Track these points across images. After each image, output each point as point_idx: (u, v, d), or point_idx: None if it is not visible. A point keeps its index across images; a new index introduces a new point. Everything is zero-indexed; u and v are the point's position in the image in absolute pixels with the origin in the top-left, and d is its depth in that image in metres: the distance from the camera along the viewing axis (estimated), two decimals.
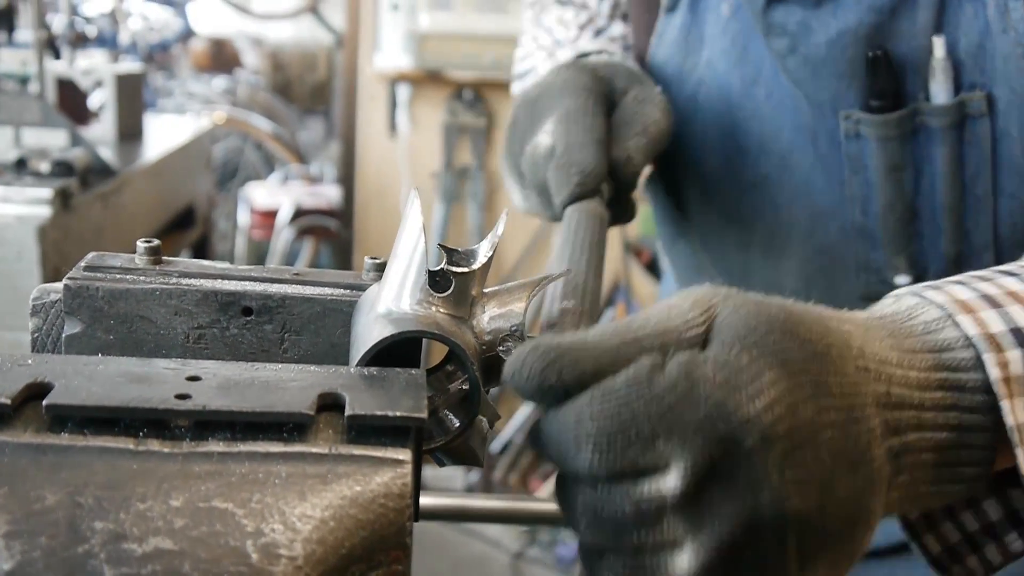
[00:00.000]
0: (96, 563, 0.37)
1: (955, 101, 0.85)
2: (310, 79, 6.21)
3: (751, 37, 0.96)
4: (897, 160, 0.89)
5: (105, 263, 0.56)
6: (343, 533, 0.40)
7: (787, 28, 0.90)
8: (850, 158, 0.91)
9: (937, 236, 0.90)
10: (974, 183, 0.87)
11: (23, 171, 1.64)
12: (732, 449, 0.44)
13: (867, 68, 0.87)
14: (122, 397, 0.42)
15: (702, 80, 1.01)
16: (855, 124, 0.90)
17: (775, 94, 0.96)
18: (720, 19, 0.98)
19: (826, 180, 0.94)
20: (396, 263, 0.52)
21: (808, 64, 0.90)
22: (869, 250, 0.94)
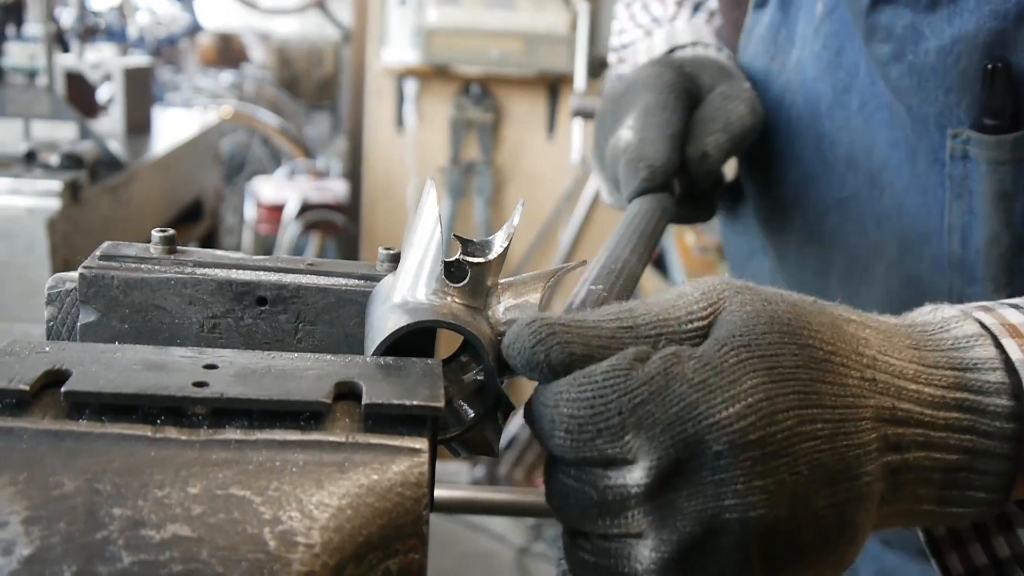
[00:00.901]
0: (114, 549, 0.38)
1: None
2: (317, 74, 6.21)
3: (847, 40, 0.88)
4: (1008, 187, 0.79)
5: (120, 252, 0.56)
6: (360, 521, 0.40)
7: (893, 32, 0.81)
8: (954, 181, 0.82)
9: None
10: None
11: (33, 164, 1.65)
12: (698, 451, 0.43)
13: (983, 81, 0.78)
14: (140, 384, 0.42)
15: (789, 84, 0.95)
16: (963, 144, 0.81)
17: (869, 104, 0.88)
18: (813, 19, 0.91)
19: (922, 203, 0.86)
20: (411, 253, 0.52)
21: (914, 73, 0.81)
22: (965, 285, 0.85)
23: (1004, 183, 0.79)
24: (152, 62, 2.75)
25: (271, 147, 5.10)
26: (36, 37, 2.14)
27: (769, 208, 1.01)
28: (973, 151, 0.80)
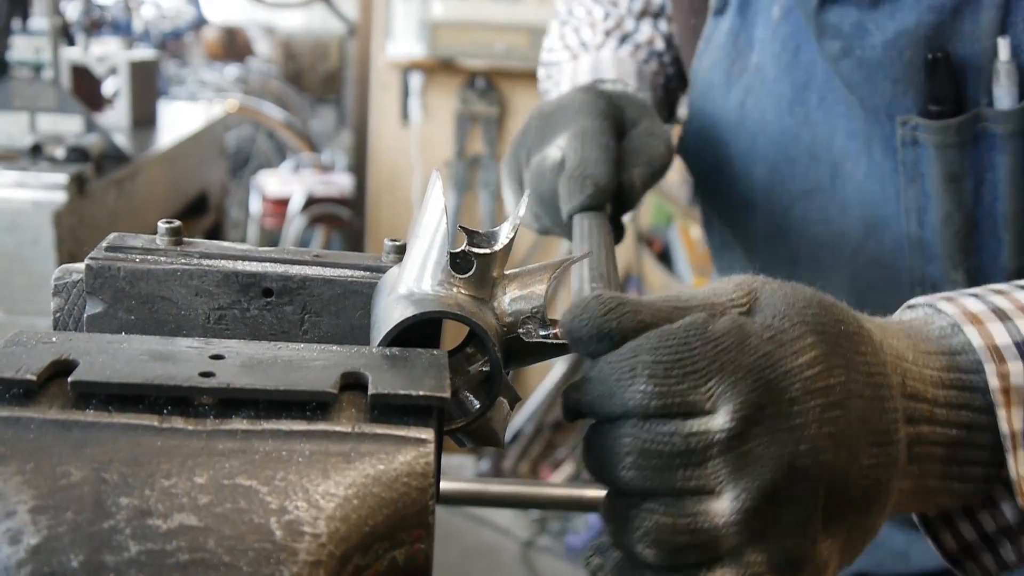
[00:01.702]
0: (121, 538, 0.38)
1: (1020, 106, 0.81)
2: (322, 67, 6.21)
3: (803, 40, 0.92)
4: (957, 168, 0.84)
5: (127, 243, 0.56)
6: (366, 511, 0.41)
7: (841, 29, 0.86)
8: (906, 166, 0.87)
9: (998, 249, 0.86)
10: None
11: (38, 157, 1.65)
12: (776, 396, 0.46)
13: (926, 71, 0.83)
14: (146, 375, 0.42)
15: (751, 86, 0.98)
16: (912, 130, 0.85)
17: (827, 100, 0.92)
18: (770, 22, 0.95)
19: (881, 190, 0.90)
20: (417, 244, 0.52)
21: (863, 67, 0.86)
22: (925, 263, 0.89)
23: (952, 165, 0.84)
24: (157, 56, 2.75)
25: (276, 141, 5.10)
26: (42, 31, 2.14)
27: (736, 203, 1.05)
28: (922, 136, 0.85)
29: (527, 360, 0.53)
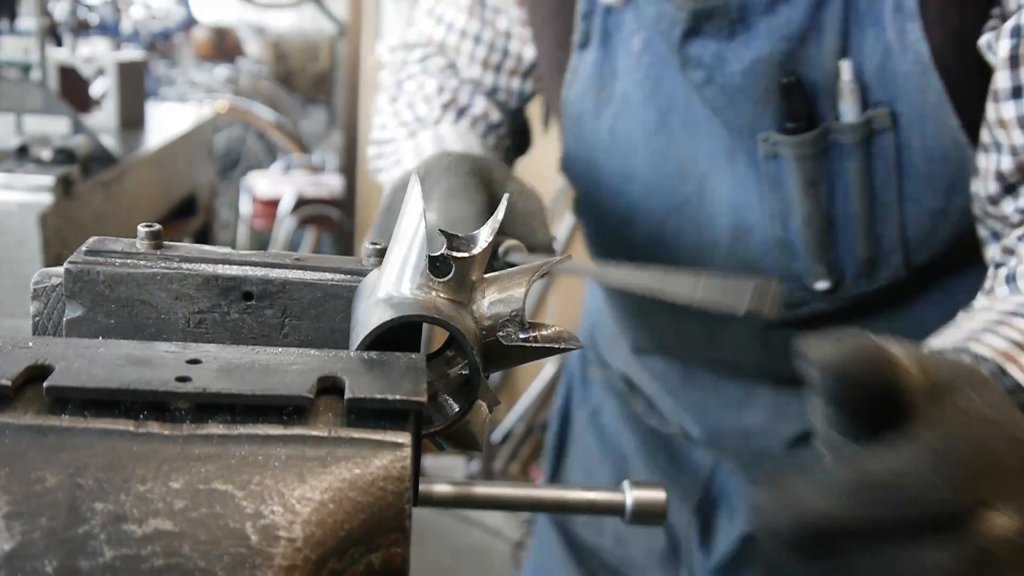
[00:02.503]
0: (96, 544, 0.38)
1: (863, 119, 0.91)
2: (312, 68, 6.20)
3: (664, 69, 1.00)
4: (813, 176, 0.94)
5: (106, 247, 0.56)
6: (342, 515, 0.41)
7: (703, 60, 0.94)
8: (769, 177, 0.96)
9: (852, 242, 0.96)
10: (882, 192, 0.93)
11: (25, 158, 1.64)
12: None
13: (781, 93, 0.92)
14: (122, 379, 0.42)
15: (619, 112, 1.05)
16: (773, 146, 0.94)
17: (690, 122, 1.00)
18: (632, 54, 1.02)
19: (745, 199, 0.99)
20: (396, 248, 0.52)
21: (725, 93, 0.94)
22: (790, 260, 0.99)
23: (810, 174, 0.94)
24: (146, 56, 2.74)
25: (266, 142, 5.09)
26: (29, 31, 2.14)
27: (615, 218, 1.11)
28: (781, 150, 0.94)
29: (506, 363, 0.53)
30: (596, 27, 1.04)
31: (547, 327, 0.53)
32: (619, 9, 1.02)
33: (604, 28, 1.04)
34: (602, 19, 1.04)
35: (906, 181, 0.93)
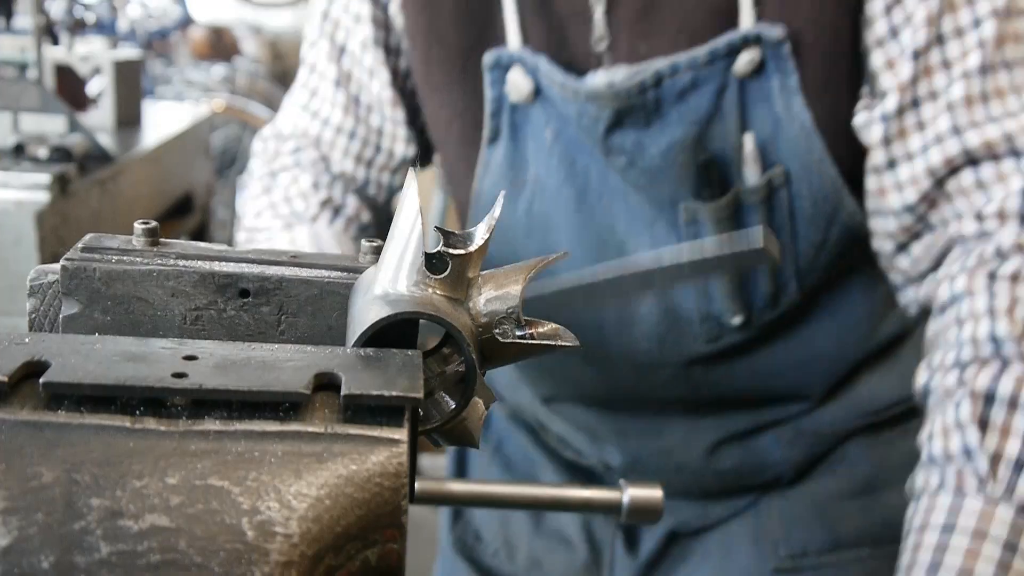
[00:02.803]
0: (92, 539, 0.38)
1: (764, 180, 1.04)
2: None
3: (577, 153, 1.09)
4: (728, 230, 1.05)
5: (102, 244, 0.56)
6: (339, 511, 0.41)
7: (625, 148, 1.04)
8: (688, 237, 1.07)
9: (759, 280, 1.10)
10: (780, 234, 1.07)
11: (21, 157, 1.64)
12: None
13: (696, 169, 1.04)
14: (119, 375, 0.42)
15: (534, 195, 1.13)
16: (692, 212, 1.06)
17: (606, 197, 1.09)
18: (544, 143, 1.11)
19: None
20: (393, 245, 0.52)
21: (646, 174, 1.05)
22: (708, 303, 1.11)
23: (724, 230, 1.05)
24: (143, 55, 2.74)
25: None
26: (25, 30, 2.14)
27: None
28: (699, 215, 1.06)
29: (503, 360, 0.53)
30: (505, 123, 1.13)
31: (544, 324, 0.53)
32: (527, 105, 1.11)
33: (512, 123, 1.12)
34: (510, 115, 1.12)
35: (798, 223, 1.07)
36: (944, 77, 0.95)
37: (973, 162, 0.94)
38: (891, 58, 0.98)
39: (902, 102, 0.97)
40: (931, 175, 0.96)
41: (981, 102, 0.94)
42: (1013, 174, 0.92)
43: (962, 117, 0.94)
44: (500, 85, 1.11)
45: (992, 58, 0.93)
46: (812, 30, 0.99)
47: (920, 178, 0.97)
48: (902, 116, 0.98)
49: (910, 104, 0.97)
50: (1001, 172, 0.93)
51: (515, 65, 1.09)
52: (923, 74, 0.96)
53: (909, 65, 0.96)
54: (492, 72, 1.10)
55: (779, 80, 1.01)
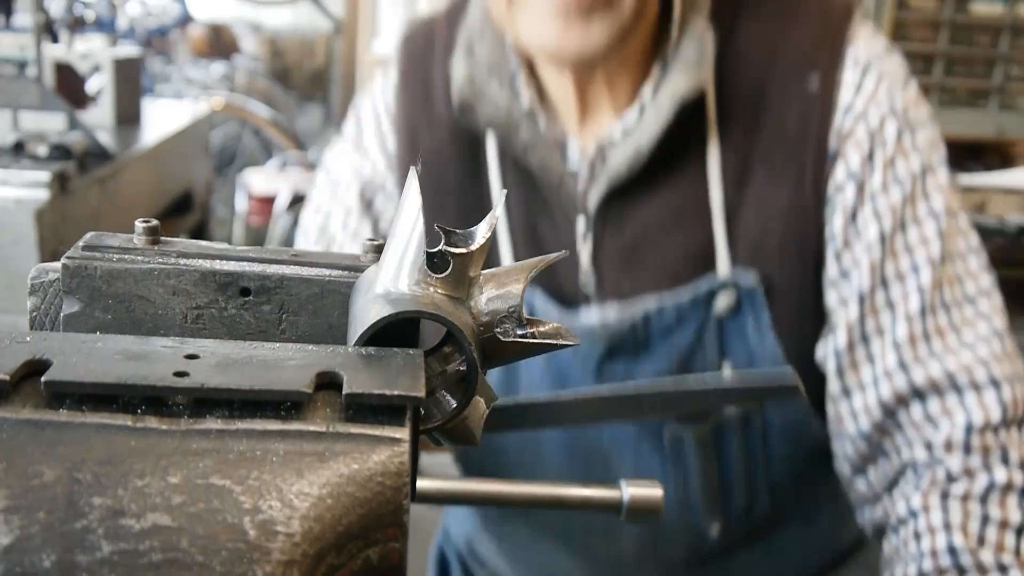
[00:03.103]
0: (94, 538, 0.38)
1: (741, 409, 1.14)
2: (309, 65, 6.19)
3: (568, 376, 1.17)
4: (709, 450, 1.15)
5: (103, 243, 0.56)
6: (340, 511, 0.41)
7: (615, 377, 1.14)
8: (672, 455, 1.16)
9: (735, 494, 1.18)
10: (754, 453, 1.16)
11: (21, 154, 1.64)
12: None
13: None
14: (120, 374, 0.42)
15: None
16: (676, 434, 1.14)
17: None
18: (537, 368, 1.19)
19: (648, 472, 1.17)
20: (394, 244, 0.52)
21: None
22: (689, 515, 1.19)
23: (706, 449, 1.15)
24: (142, 53, 2.74)
25: (262, 139, 5.08)
26: (25, 27, 2.14)
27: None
28: (684, 436, 1.14)
29: (504, 359, 0.53)
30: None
31: (544, 323, 0.53)
32: None
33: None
34: None
35: (770, 443, 1.16)
36: (889, 317, 1.05)
37: (920, 396, 1.03)
38: (843, 297, 1.08)
39: (852, 338, 1.07)
40: (882, 406, 1.05)
41: (924, 340, 1.03)
42: (957, 409, 1.02)
43: (907, 354, 1.03)
44: None
45: (931, 300, 1.03)
46: (780, 275, 1.10)
47: (872, 408, 1.06)
48: (853, 350, 1.07)
49: (860, 340, 1.07)
50: (946, 407, 1.02)
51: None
52: (870, 313, 1.06)
53: (857, 305, 1.06)
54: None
55: (753, 318, 1.12)
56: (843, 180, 1.07)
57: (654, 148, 1.07)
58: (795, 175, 1.08)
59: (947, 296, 1.04)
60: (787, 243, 1.09)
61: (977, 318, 1.04)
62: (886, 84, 1.07)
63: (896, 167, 1.06)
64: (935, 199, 1.05)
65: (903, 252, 1.04)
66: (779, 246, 1.10)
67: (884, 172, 1.05)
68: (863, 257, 1.06)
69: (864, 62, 1.07)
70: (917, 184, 1.05)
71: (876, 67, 1.07)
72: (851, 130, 1.06)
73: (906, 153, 1.06)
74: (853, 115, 1.07)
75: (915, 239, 1.05)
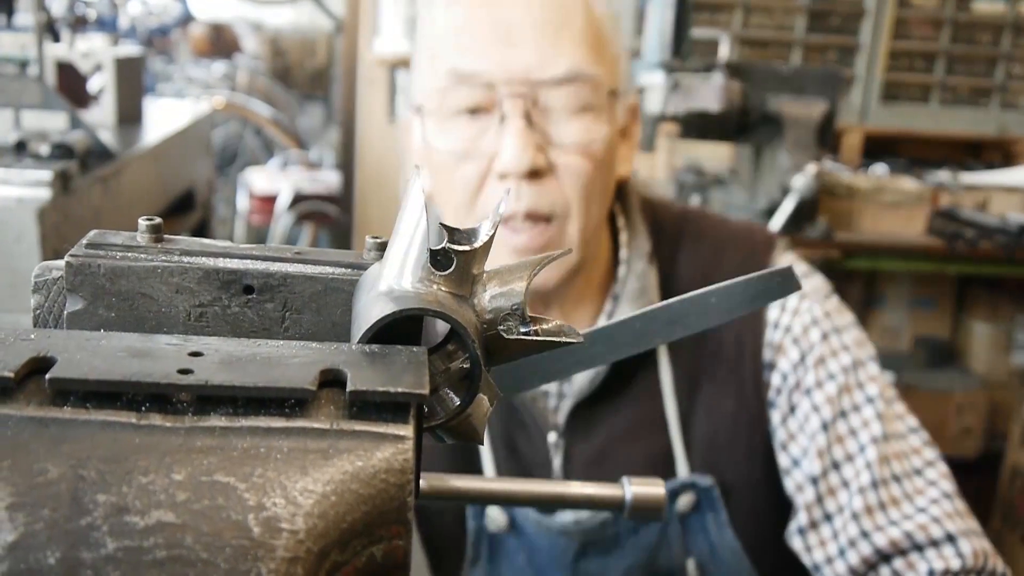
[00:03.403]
0: (99, 535, 0.38)
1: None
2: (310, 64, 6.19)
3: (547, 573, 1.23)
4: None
5: (107, 240, 0.56)
6: (344, 508, 0.41)
7: (589, 571, 1.21)
8: None
9: None
10: None
11: (22, 154, 1.64)
12: None
13: None
14: (124, 371, 0.42)
15: None
16: None
17: None
18: (518, 566, 1.24)
19: None
20: (398, 241, 0.52)
21: None
22: None
23: None
24: (144, 52, 2.73)
25: (264, 138, 5.09)
26: (27, 27, 2.13)
27: None
28: None
29: (508, 356, 0.53)
30: (484, 548, 1.27)
31: (548, 321, 0.53)
32: (504, 534, 1.26)
33: (491, 548, 1.27)
34: (488, 542, 1.27)
35: None
36: (845, 494, 1.15)
37: (885, 559, 1.12)
38: (798, 483, 1.19)
39: (813, 517, 1.17)
40: (853, 573, 1.14)
41: (880, 510, 1.13)
42: (919, 562, 1.11)
43: (867, 523, 1.13)
44: (480, 518, 1.26)
45: (881, 474, 1.14)
46: (732, 475, 1.22)
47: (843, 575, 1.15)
48: (817, 528, 1.17)
49: (822, 519, 1.17)
50: (910, 562, 1.11)
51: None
52: (827, 494, 1.16)
53: (812, 488, 1.17)
54: (474, 507, 1.26)
55: (712, 516, 1.21)
56: (780, 384, 1.21)
57: (610, 368, 1.20)
58: (736, 386, 1.23)
59: (896, 469, 1.15)
60: (736, 446, 1.23)
61: (927, 486, 1.15)
62: (808, 299, 1.22)
63: (827, 364, 1.20)
64: (869, 387, 1.19)
65: (848, 436, 1.17)
66: (729, 449, 1.23)
67: (816, 370, 1.19)
68: (810, 446, 1.18)
69: None
70: (850, 376, 1.19)
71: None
72: (781, 342, 1.21)
73: (835, 351, 1.20)
74: (781, 329, 1.22)
75: (857, 423, 1.17)
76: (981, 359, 3.62)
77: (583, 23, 1.12)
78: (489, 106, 1.12)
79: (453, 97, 1.13)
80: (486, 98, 1.11)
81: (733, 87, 2.66)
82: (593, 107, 1.12)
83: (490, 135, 1.12)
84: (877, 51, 3.98)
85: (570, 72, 1.10)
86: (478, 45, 1.11)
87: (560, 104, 1.10)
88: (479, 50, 1.11)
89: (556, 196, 1.11)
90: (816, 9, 3.98)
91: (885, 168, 3.62)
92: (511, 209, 1.10)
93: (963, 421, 3.49)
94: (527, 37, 1.10)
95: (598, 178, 1.14)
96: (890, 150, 4.06)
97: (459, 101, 1.13)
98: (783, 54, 4.03)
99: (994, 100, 4.11)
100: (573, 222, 1.13)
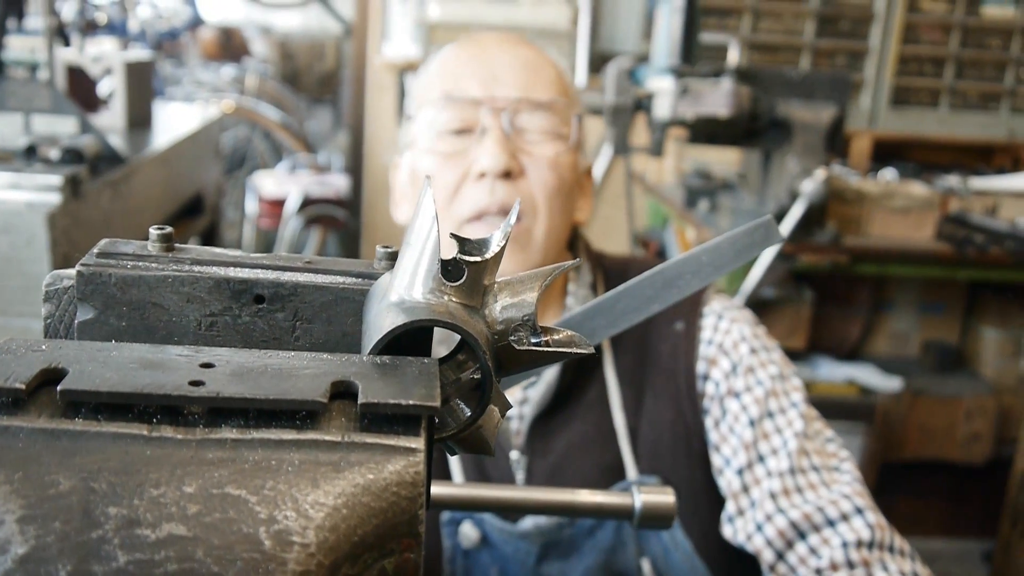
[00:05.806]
0: (110, 548, 0.38)
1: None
2: (319, 68, 6.20)
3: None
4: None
5: (118, 249, 0.56)
6: (355, 521, 0.40)
7: (552, 574, 1.26)
8: None
9: None
10: None
11: (33, 158, 1.65)
12: None
13: None
14: (136, 383, 0.42)
15: None
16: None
17: None
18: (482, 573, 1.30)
19: None
20: (408, 252, 0.52)
21: None
22: None
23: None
24: (153, 56, 2.74)
25: (272, 141, 5.09)
26: (37, 31, 2.14)
27: None
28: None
29: (518, 368, 0.53)
30: (459, 565, 1.32)
31: (559, 331, 0.53)
32: (476, 550, 1.31)
33: (465, 565, 1.31)
34: (462, 558, 1.32)
35: None
36: (767, 481, 1.26)
37: (802, 535, 1.21)
38: (728, 480, 1.28)
39: (740, 505, 1.28)
40: (770, 546, 1.22)
41: (796, 492, 1.23)
42: (833, 536, 1.19)
43: (783, 502, 1.23)
44: (454, 536, 1.31)
45: (799, 463, 1.24)
46: (674, 476, 1.30)
47: (762, 550, 1.23)
48: (743, 515, 1.27)
49: (748, 505, 1.27)
50: (824, 537, 1.20)
51: (466, 520, 1.33)
52: (752, 483, 1.26)
53: (738, 478, 1.27)
54: (448, 527, 1.31)
55: None
56: (713, 392, 1.33)
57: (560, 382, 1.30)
58: (674, 395, 1.34)
59: (815, 460, 1.26)
60: (677, 452, 1.33)
61: (841, 475, 1.26)
62: (738, 323, 1.35)
63: (756, 372, 1.31)
64: (793, 395, 1.31)
65: (773, 433, 1.27)
66: (671, 453, 1.32)
67: (746, 377, 1.31)
68: (738, 443, 1.28)
69: (719, 311, 1.36)
70: (776, 383, 1.31)
71: (728, 314, 1.36)
72: (714, 356, 1.33)
73: (763, 363, 1.32)
74: (714, 345, 1.34)
75: (782, 422, 1.28)
76: (990, 364, 3.61)
77: (555, 76, 1.33)
78: (473, 126, 1.28)
79: (442, 118, 1.29)
80: (472, 117, 1.28)
81: (742, 92, 2.66)
82: (563, 137, 1.31)
83: (471, 148, 1.28)
84: (886, 56, 3.97)
85: (549, 99, 1.29)
86: (467, 76, 1.30)
87: (535, 126, 1.29)
88: (468, 79, 1.30)
89: (526, 196, 1.28)
90: (825, 14, 3.98)
91: (894, 173, 3.61)
92: (486, 203, 1.25)
93: (972, 427, 3.47)
94: (510, 76, 1.29)
95: (562, 193, 1.30)
96: (899, 155, 4.05)
97: (448, 123, 1.29)
98: (792, 59, 4.03)
99: (1004, 105, 4.10)
100: (539, 224, 1.29)
